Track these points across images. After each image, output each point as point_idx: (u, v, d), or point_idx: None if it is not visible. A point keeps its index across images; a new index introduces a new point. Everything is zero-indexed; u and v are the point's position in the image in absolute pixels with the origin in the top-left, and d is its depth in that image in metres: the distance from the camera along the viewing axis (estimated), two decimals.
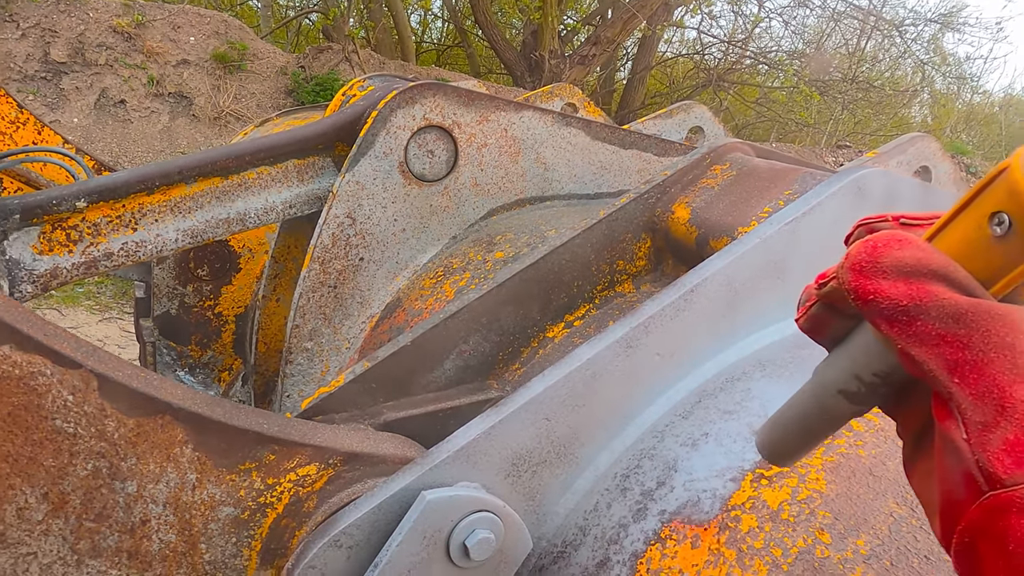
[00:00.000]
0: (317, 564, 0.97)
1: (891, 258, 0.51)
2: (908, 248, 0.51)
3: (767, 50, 16.13)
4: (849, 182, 1.21)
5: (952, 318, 0.48)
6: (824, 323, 0.59)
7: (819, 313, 0.59)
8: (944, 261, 0.50)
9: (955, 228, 0.51)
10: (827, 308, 0.58)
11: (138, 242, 1.70)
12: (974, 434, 0.46)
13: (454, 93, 1.83)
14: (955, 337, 0.48)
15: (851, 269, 0.52)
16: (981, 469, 0.45)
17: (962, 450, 0.47)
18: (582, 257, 1.43)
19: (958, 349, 0.48)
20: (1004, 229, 0.47)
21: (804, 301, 0.61)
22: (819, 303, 0.58)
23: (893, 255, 0.51)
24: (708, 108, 3.18)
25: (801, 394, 0.62)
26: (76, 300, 7.30)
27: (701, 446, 1.08)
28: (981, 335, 0.47)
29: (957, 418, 0.47)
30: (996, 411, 0.46)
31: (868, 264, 0.51)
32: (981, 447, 0.46)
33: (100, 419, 0.92)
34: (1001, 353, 0.47)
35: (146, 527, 0.98)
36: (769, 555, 0.91)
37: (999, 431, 0.45)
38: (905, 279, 0.50)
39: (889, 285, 0.50)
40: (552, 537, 1.12)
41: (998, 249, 0.48)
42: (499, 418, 1.04)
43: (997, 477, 0.44)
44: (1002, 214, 0.47)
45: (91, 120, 9.22)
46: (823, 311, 0.58)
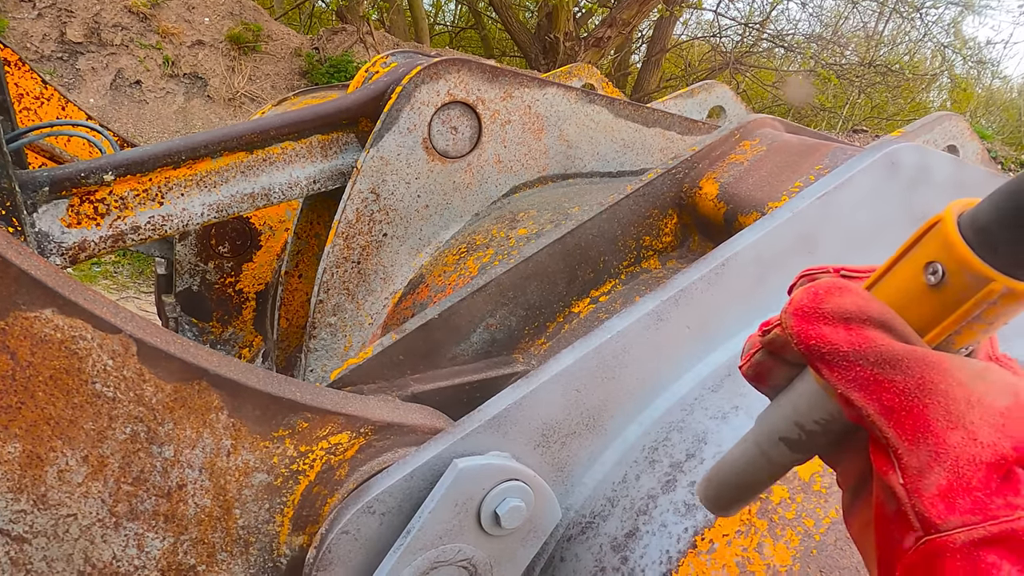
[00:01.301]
0: (351, 529, 0.98)
1: (832, 304, 0.52)
2: (848, 295, 0.52)
3: (784, 33, 15.95)
4: (882, 156, 1.20)
5: (889, 364, 0.49)
6: (767, 371, 0.60)
7: (762, 361, 0.60)
8: (882, 308, 0.51)
9: (893, 277, 0.53)
10: (770, 356, 0.59)
11: (164, 216, 1.71)
12: (910, 479, 0.47)
13: (478, 69, 1.82)
14: (891, 383, 0.49)
15: (794, 314, 0.53)
16: (917, 514, 0.46)
17: (899, 495, 0.47)
18: (609, 232, 1.43)
19: (894, 395, 0.48)
20: (938, 278, 0.49)
21: (748, 349, 0.62)
22: (762, 350, 0.59)
23: (834, 301, 0.52)
24: (729, 88, 3.16)
25: (743, 443, 0.62)
26: (94, 279, 7.36)
27: (731, 419, 1.08)
28: (916, 381, 0.48)
29: (894, 463, 0.48)
30: (931, 457, 0.47)
31: (810, 310, 0.52)
32: (917, 492, 0.46)
33: (139, 384, 0.93)
34: (935, 399, 0.48)
35: (182, 491, 1.00)
36: (801, 525, 0.91)
37: (933, 476, 0.46)
38: (845, 325, 0.51)
39: (830, 330, 0.51)
40: (580, 508, 1.12)
41: (932, 298, 0.49)
42: (530, 388, 1.04)
43: (932, 522, 0.45)
44: (936, 264, 0.49)
45: (107, 101, 9.25)
46: (766, 359, 0.59)
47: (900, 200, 1.24)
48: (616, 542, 1.05)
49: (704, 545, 0.97)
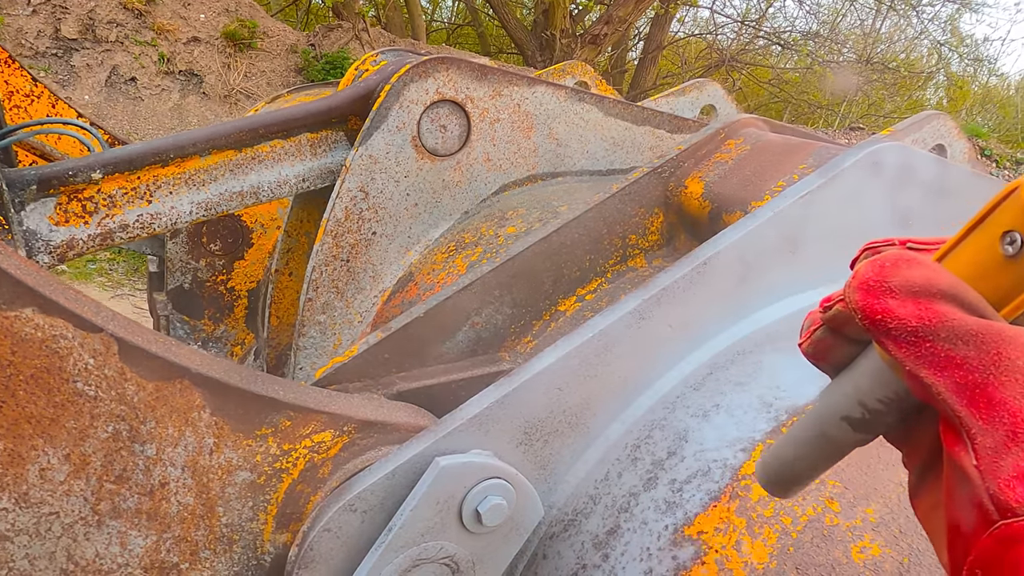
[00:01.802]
0: (332, 527, 0.99)
1: (900, 278, 0.49)
2: (917, 268, 0.50)
3: (781, 30, 15.95)
4: (864, 155, 1.21)
5: (962, 339, 0.47)
6: (828, 348, 0.57)
7: (823, 338, 0.57)
8: (954, 281, 0.49)
9: (965, 248, 0.50)
10: (831, 333, 0.56)
11: (153, 214, 1.71)
12: (984, 460, 0.44)
13: (467, 67, 1.82)
14: (965, 359, 0.46)
15: (859, 288, 0.51)
16: (992, 497, 0.44)
17: (972, 477, 0.45)
18: (594, 231, 1.43)
19: (968, 372, 0.46)
20: (1016, 248, 0.47)
21: (808, 326, 0.59)
22: (823, 327, 0.57)
23: (902, 275, 0.49)
24: (721, 86, 3.16)
25: (803, 423, 0.60)
26: (88, 276, 7.35)
27: (712, 417, 1.08)
28: (991, 357, 0.46)
29: (967, 444, 0.46)
30: (1007, 436, 0.44)
31: (876, 284, 0.50)
32: (992, 474, 0.44)
33: (120, 382, 0.94)
34: (1013, 376, 0.45)
35: (165, 489, 1.00)
36: (779, 523, 0.92)
37: (1011, 457, 0.44)
38: (914, 299, 0.48)
39: (898, 305, 0.49)
40: (563, 505, 1.13)
41: (1010, 269, 0.47)
42: (512, 387, 1.05)
43: (1008, 506, 0.43)
44: (1014, 233, 0.47)
45: (102, 97, 9.23)
46: (827, 336, 0.57)
47: (884, 200, 1.24)
48: (597, 540, 1.06)
49: (685, 542, 0.98)
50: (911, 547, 0.82)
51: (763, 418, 1.04)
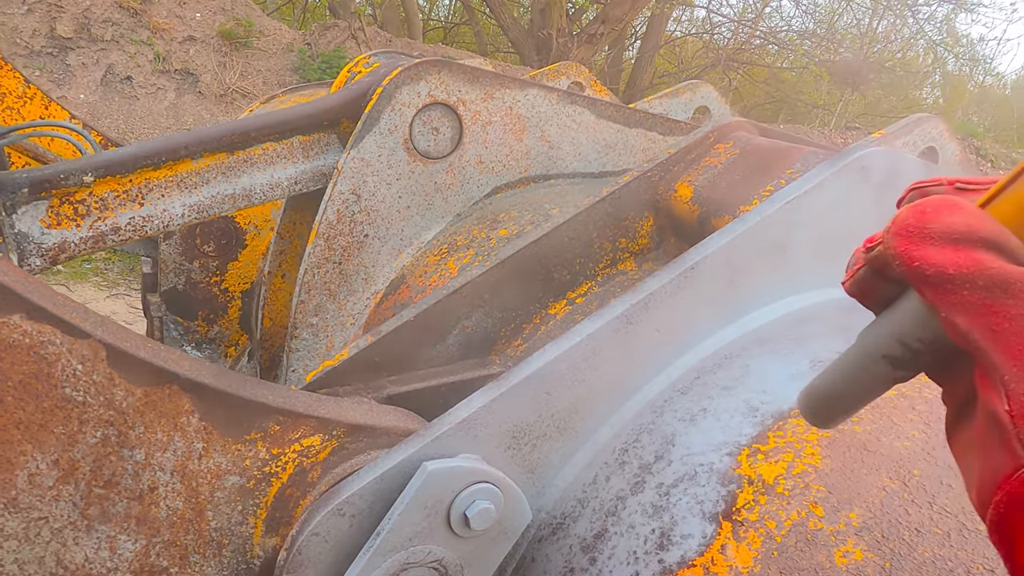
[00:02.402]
0: (321, 531, 0.99)
1: (940, 224, 0.49)
2: (958, 214, 0.49)
3: (777, 30, 15.97)
4: (852, 161, 1.21)
5: (1000, 288, 0.47)
6: (871, 288, 0.57)
7: (866, 277, 0.57)
8: (996, 229, 0.48)
9: (1012, 194, 0.49)
10: (874, 273, 0.56)
11: (145, 217, 1.72)
12: (1017, 407, 0.45)
13: (459, 70, 1.82)
14: (1002, 307, 0.46)
15: (897, 234, 0.50)
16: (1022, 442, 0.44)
17: (1003, 422, 0.46)
18: (584, 235, 1.44)
19: (1004, 319, 0.46)
20: None
21: (852, 264, 0.59)
22: (866, 267, 0.57)
23: (942, 221, 0.49)
24: (715, 88, 3.17)
25: (845, 358, 0.61)
26: (84, 276, 7.34)
27: (699, 421, 1.09)
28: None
29: (1000, 390, 0.46)
30: None
31: (916, 229, 0.50)
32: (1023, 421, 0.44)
33: (109, 388, 0.94)
34: None
35: (154, 494, 1.00)
36: (763, 527, 0.93)
37: None
38: (953, 246, 0.48)
39: (936, 252, 0.49)
40: (551, 509, 1.14)
41: None
42: (500, 391, 1.05)
43: None
44: None
45: (97, 96, 9.21)
46: (870, 275, 0.57)
47: (871, 205, 1.25)
48: (585, 543, 1.07)
49: (671, 545, 0.99)
50: (893, 551, 0.83)
51: (749, 422, 1.04)
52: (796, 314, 1.21)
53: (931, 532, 0.83)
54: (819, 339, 1.13)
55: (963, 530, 0.82)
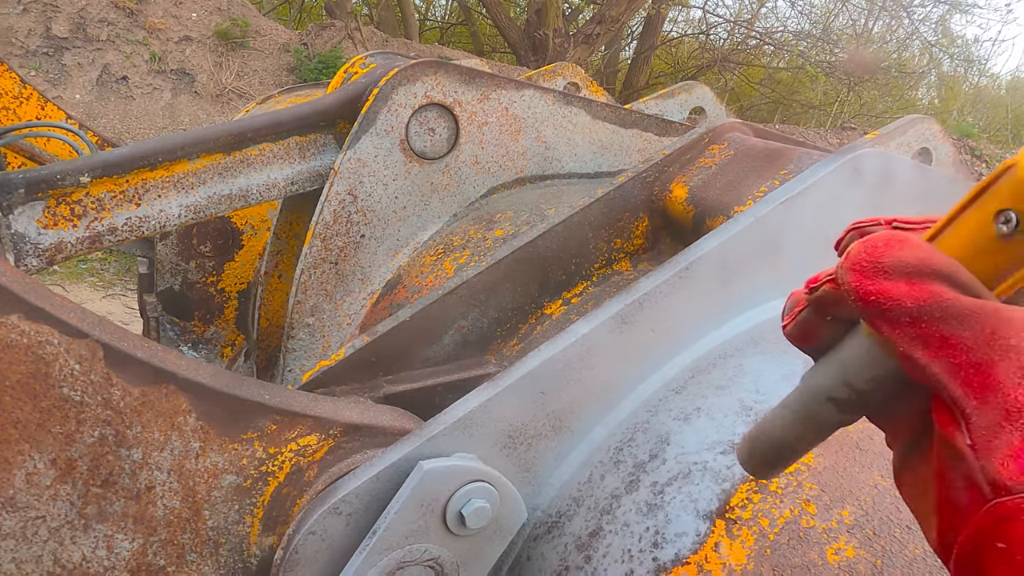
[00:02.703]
0: (317, 530, 1.00)
1: (893, 258, 0.49)
2: (910, 248, 0.49)
3: (773, 30, 16.00)
4: (845, 162, 1.22)
5: (956, 319, 0.47)
6: (814, 330, 0.57)
7: (808, 318, 0.57)
8: (947, 261, 0.49)
9: (958, 228, 0.50)
10: (817, 314, 0.56)
11: (142, 217, 1.72)
12: (979, 440, 0.45)
13: (455, 71, 1.83)
14: (960, 340, 0.46)
15: (851, 270, 0.50)
16: (986, 476, 0.44)
17: (966, 456, 0.45)
18: (580, 235, 1.45)
19: (962, 352, 0.46)
20: (1011, 227, 0.46)
21: (791, 307, 0.58)
22: (809, 308, 0.56)
23: (895, 255, 0.49)
24: (711, 88, 3.18)
25: (787, 404, 0.60)
26: (80, 276, 7.33)
27: (693, 420, 1.10)
28: (986, 337, 0.46)
29: (960, 423, 0.46)
30: (1002, 416, 0.44)
31: (869, 264, 0.49)
32: (986, 453, 0.44)
33: (106, 388, 0.94)
34: (1007, 356, 0.45)
35: (151, 493, 1.01)
36: (757, 525, 0.93)
37: (1005, 436, 0.44)
38: (907, 279, 0.48)
39: (892, 286, 0.48)
40: (547, 508, 1.14)
41: (1003, 248, 0.47)
42: (496, 391, 1.06)
43: (1003, 484, 0.43)
44: (1009, 212, 0.46)
45: (93, 96, 9.20)
46: (813, 317, 0.56)
47: (864, 206, 1.26)
48: (580, 541, 1.07)
49: (665, 543, 0.99)
50: (884, 549, 0.84)
51: (742, 421, 1.05)
52: None
53: None
54: None
55: None
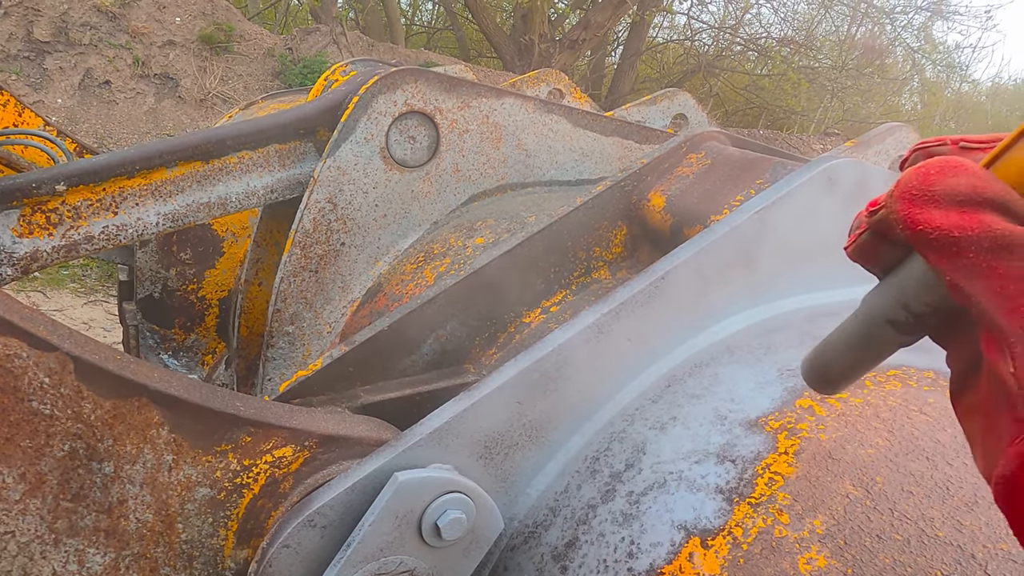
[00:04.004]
0: (292, 543, 0.99)
1: (943, 186, 0.48)
2: (962, 175, 0.48)
3: (757, 37, 16.12)
4: (819, 172, 1.23)
5: (1005, 249, 0.46)
6: (874, 252, 0.56)
7: (869, 241, 0.56)
8: (1001, 189, 0.47)
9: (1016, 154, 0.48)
10: (877, 236, 0.55)
11: (119, 225, 1.71)
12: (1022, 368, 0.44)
13: (436, 79, 1.83)
14: (1007, 269, 0.45)
15: (900, 198, 0.50)
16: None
17: (1008, 384, 0.45)
18: (559, 244, 1.45)
19: (1009, 282, 0.45)
20: None
21: (855, 228, 0.58)
22: (869, 231, 0.55)
23: (946, 183, 0.48)
24: (692, 95, 3.20)
25: (849, 323, 0.60)
26: (61, 283, 7.26)
27: (669, 429, 1.10)
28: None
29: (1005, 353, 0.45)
30: None
31: (919, 192, 0.49)
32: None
33: (76, 401, 0.94)
34: None
35: (123, 507, 1.00)
36: (730, 535, 0.94)
37: None
38: (958, 208, 0.47)
39: (940, 215, 0.47)
40: (524, 517, 1.14)
41: None
42: (471, 401, 1.06)
43: None
44: None
45: (75, 101, 9.12)
46: (873, 239, 0.55)
47: (838, 215, 1.27)
48: (556, 551, 1.07)
49: (640, 553, 0.99)
50: (855, 558, 0.84)
51: (717, 430, 1.06)
52: (765, 323, 1.22)
53: (891, 538, 0.84)
54: (787, 348, 1.15)
55: (922, 536, 0.83)
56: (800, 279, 1.26)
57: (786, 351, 1.15)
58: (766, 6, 15.94)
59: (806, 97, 16.15)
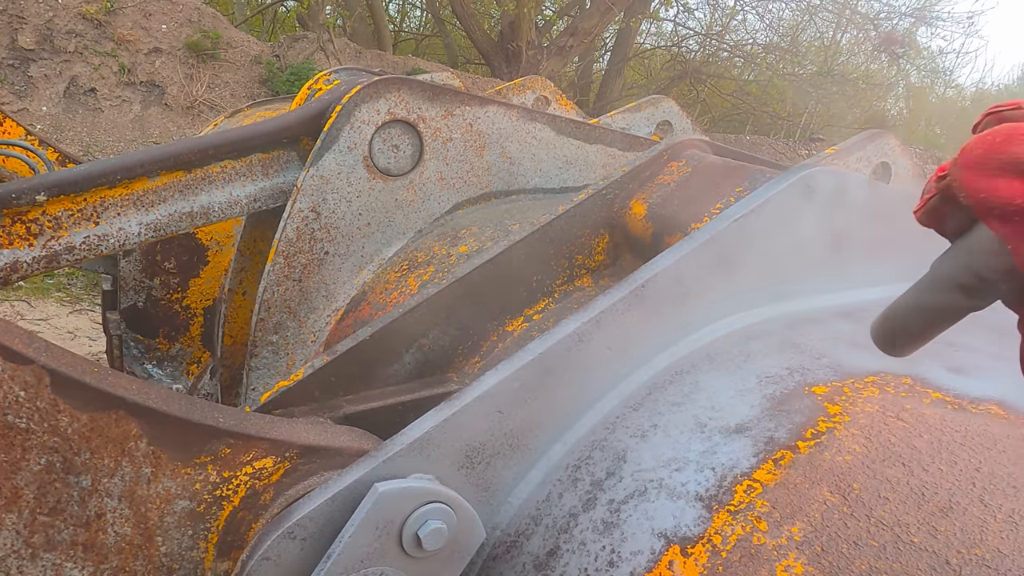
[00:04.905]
0: (271, 555, 0.99)
1: (1008, 154, 0.47)
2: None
3: (743, 43, 16.24)
4: (797, 180, 1.24)
5: None
6: (943, 216, 0.56)
7: (938, 206, 0.55)
8: None
9: None
10: (946, 201, 0.54)
11: (100, 235, 1.70)
12: None
13: (419, 87, 1.84)
14: None
15: (964, 165, 0.49)
16: None
17: None
18: (540, 252, 1.45)
19: None
20: None
21: (925, 193, 0.57)
22: (938, 196, 0.55)
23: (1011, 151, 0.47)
24: (677, 102, 3.22)
25: (918, 287, 0.59)
26: (47, 292, 7.20)
27: (650, 437, 1.10)
28: None
29: None
30: None
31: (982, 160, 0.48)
32: None
33: (53, 414, 0.93)
34: None
35: (101, 520, 0.99)
36: (710, 543, 0.94)
37: None
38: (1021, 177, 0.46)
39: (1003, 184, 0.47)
40: (506, 527, 1.14)
41: None
42: (452, 411, 1.06)
43: None
44: None
45: (60, 109, 9.07)
46: (941, 204, 0.55)
47: (817, 222, 1.28)
48: (538, 560, 1.07)
49: (621, 562, 1.00)
50: (831, 565, 0.85)
51: (697, 438, 1.06)
52: (745, 330, 1.23)
53: (868, 545, 0.85)
54: (766, 355, 1.16)
55: (898, 542, 0.84)
56: (780, 286, 1.27)
57: (765, 358, 1.15)
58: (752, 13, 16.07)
59: (792, 103, 16.26)
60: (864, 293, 1.34)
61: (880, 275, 1.35)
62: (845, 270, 1.32)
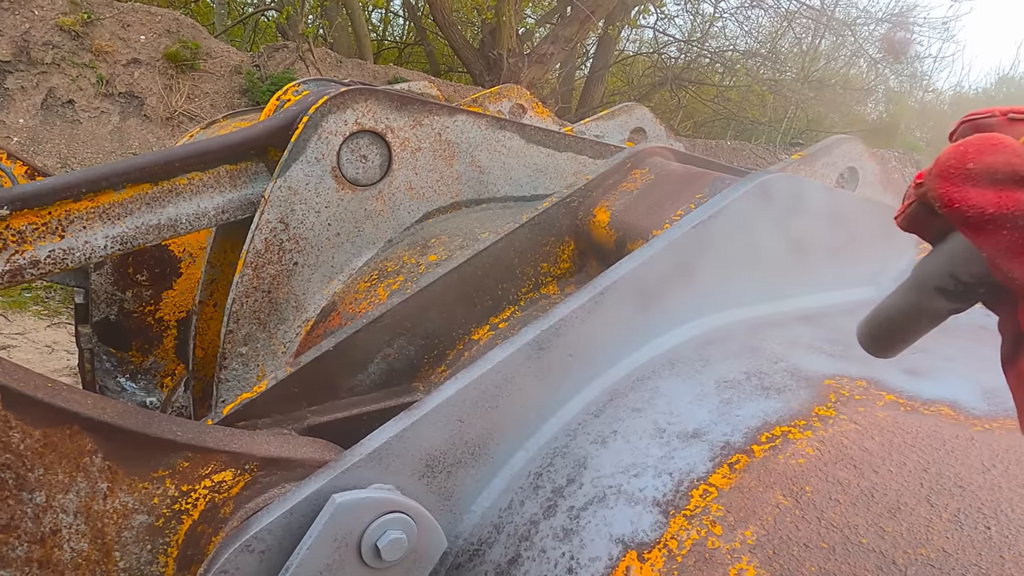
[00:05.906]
0: (229, 569, 0.98)
1: (981, 164, 0.47)
2: (1000, 153, 0.47)
3: (723, 50, 16.37)
4: (755, 186, 1.26)
5: None
6: (922, 222, 0.57)
7: (917, 212, 0.56)
8: None
9: None
10: (924, 208, 0.55)
11: (66, 249, 1.69)
12: None
13: (386, 98, 1.84)
14: None
15: (938, 175, 0.49)
16: None
17: None
18: (506, 260, 1.46)
19: None
20: None
21: (905, 199, 0.58)
22: (917, 202, 0.56)
23: (983, 160, 0.47)
24: (657, 108, 3.25)
25: (901, 290, 0.61)
26: (23, 305, 7.13)
27: (610, 443, 1.11)
28: None
29: None
30: None
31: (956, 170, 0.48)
32: None
33: (4, 431, 0.92)
34: None
35: (57, 536, 0.98)
36: (666, 548, 0.95)
37: None
38: (995, 187, 0.47)
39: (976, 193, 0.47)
40: (469, 535, 1.14)
41: None
42: (411, 421, 1.06)
43: None
44: None
45: (38, 121, 9.00)
46: (920, 210, 0.56)
47: (775, 228, 1.29)
48: (500, 569, 1.07)
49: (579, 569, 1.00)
50: (783, 567, 0.86)
51: (656, 443, 1.07)
52: (705, 335, 1.24)
53: (818, 547, 0.86)
54: (724, 360, 1.17)
55: (847, 543, 0.85)
56: (739, 291, 1.28)
57: (723, 363, 1.16)
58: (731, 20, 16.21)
59: (772, 108, 16.41)
60: (824, 297, 1.36)
61: (840, 279, 1.37)
62: (805, 274, 1.34)
